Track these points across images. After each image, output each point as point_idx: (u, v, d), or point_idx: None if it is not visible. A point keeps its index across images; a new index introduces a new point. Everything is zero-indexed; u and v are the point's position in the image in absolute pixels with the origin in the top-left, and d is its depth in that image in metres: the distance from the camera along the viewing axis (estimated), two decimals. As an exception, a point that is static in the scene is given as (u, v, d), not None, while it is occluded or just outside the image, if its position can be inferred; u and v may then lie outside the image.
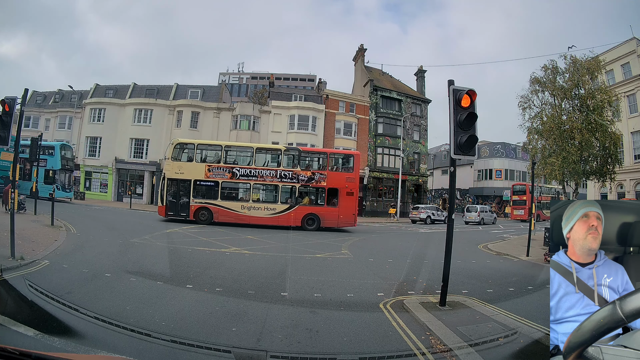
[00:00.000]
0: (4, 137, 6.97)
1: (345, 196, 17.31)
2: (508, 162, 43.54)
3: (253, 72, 69.52)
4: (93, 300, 5.03)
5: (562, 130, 15.81)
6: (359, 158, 18.65)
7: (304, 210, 17.14)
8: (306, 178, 17.22)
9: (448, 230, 5.71)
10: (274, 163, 17.68)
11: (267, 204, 17.18)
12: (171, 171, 16.96)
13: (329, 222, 17.21)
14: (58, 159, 25.49)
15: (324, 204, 17.35)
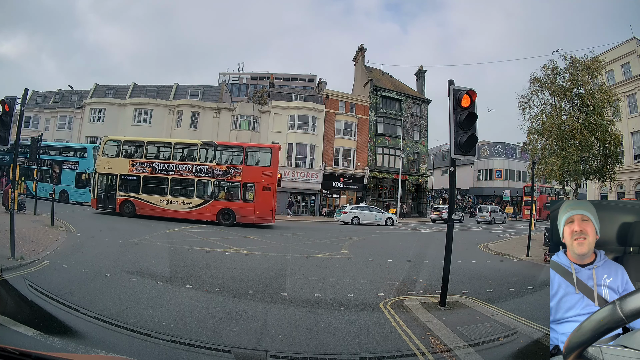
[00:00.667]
0: (4, 137, 6.97)
1: (262, 191, 17.23)
2: (508, 162, 43.55)
3: (253, 72, 69.52)
4: (93, 300, 5.03)
5: (562, 130, 15.81)
6: (277, 152, 18.31)
7: (219, 205, 17.28)
8: (221, 172, 17.43)
9: (448, 230, 5.71)
10: (191, 157, 18.10)
11: (184, 198, 17.42)
12: (101, 166, 18.34)
13: (244, 217, 17.20)
14: (92, 161, 23.46)
15: (239, 199, 17.43)
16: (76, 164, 23.84)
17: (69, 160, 24.04)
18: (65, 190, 23.54)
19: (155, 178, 17.62)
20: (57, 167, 23.99)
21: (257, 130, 30.73)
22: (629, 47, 23.92)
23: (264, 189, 17.31)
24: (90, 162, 23.67)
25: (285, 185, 28.51)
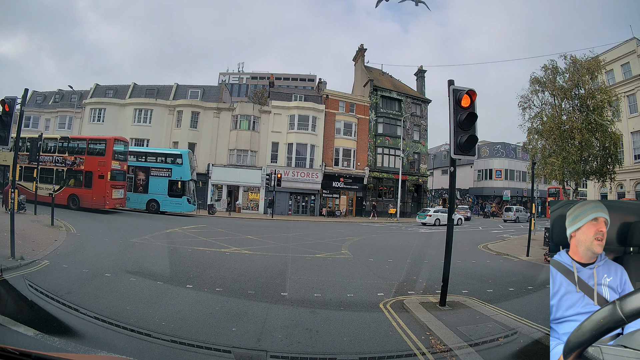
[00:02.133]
0: (4, 137, 6.98)
1: (98, 179, 18.81)
2: (508, 162, 43.52)
3: (253, 72, 69.48)
4: (93, 300, 5.03)
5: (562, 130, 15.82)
6: (112, 143, 19.60)
7: (69, 191, 19.15)
8: (70, 162, 19.50)
9: (448, 230, 5.71)
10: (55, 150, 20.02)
11: (47, 185, 18.75)
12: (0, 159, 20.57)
13: (86, 202, 18.64)
14: (187, 169, 22.34)
15: (82, 186, 19.12)
16: (169, 171, 22.14)
17: (160, 167, 22.36)
18: (154, 200, 21.88)
19: (29, 168, 19.13)
20: (142, 174, 22.25)
21: (257, 130, 30.73)
22: (629, 47, 23.91)
23: (99, 177, 18.89)
24: (185, 169, 22.29)
25: (285, 185, 28.54)
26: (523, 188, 41.71)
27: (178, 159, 22.52)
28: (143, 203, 22.01)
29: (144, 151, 24.15)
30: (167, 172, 22.20)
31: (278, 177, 26.61)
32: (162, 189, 21.98)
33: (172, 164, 22.35)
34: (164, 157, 23.03)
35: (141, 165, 22.60)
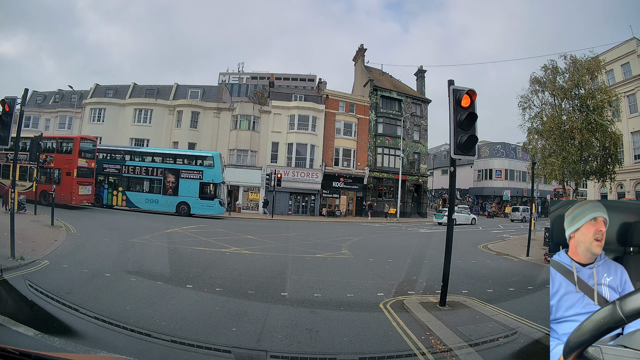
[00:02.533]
0: (4, 137, 6.98)
1: (65, 176, 19.75)
2: (508, 162, 43.51)
3: (253, 72, 69.49)
4: (93, 300, 5.03)
5: (562, 130, 15.81)
6: (78, 141, 20.49)
7: (41, 187, 19.23)
8: (42, 160, 19.41)
9: (448, 230, 5.71)
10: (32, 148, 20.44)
11: (23, 182, 19.55)
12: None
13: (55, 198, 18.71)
14: (219, 171, 22.19)
15: (52, 182, 19.27)
16: (200, 173, 21.82)
17: (191, 169, 22.01)
18: (184, 202, 21.63)
19: (6, 166, 20.28)
20: (171, 177, 21.95)
21: (257, 130, 30.72)
22: (629, 47, 23.90)
23: (67, 174, 19.79)
24: (217, 171, 22.07)
25: (285, 185, 28.53)
26: (523, 188, 41.70)
27: (210, 161, 22.24)
28: (173, 206, 21.77)
29: (174, 153, 24.03)
30: (198, 174, 21.90)
31: (278, 177, 26.61)
32: (193, 192, 21.70)
33: (204, 166, 22.11)
34: (194, 159, 22.70)
35: (170, 167, 22.35)
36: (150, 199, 22.09)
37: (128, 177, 22.53)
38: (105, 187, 22.61)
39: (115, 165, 22.78)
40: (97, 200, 22.12)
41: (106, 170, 22.71)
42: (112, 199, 22.53)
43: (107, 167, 22.75)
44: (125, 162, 22.80)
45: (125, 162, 22.80)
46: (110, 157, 23.08)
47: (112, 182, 22.72)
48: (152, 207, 21.89)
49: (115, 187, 22.62)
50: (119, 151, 23.61)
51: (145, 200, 22.13)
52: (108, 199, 22.55)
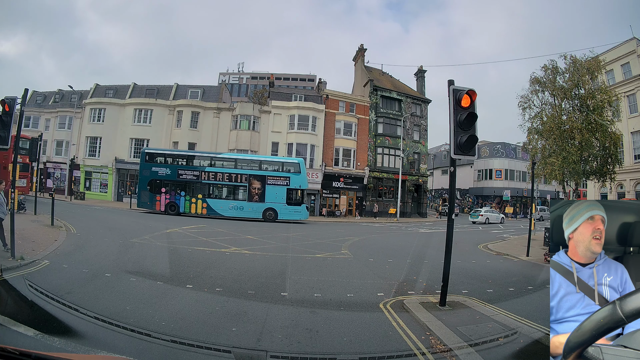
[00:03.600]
0: (4, 137, 6.97)
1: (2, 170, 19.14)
2: (508, 162, 43.50)
3: (253, 72, 69.51)
4: (93, 300, 5.03)
5: (562, 130, 15.81)
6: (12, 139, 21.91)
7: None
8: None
9: (448, 230, 5.70)
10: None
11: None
12: None
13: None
14: (305, 177, 22.63)
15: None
16: (287, 179, 22.01)
17: (278, 176, 22.16)
18: (272, 208, 21.81)
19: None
20: (257, 183, 21.91)
21: (257, 130, 30.72)
22: (629, 47, 23.89)
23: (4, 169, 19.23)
24: (303, 177, 22.43)
25: (285, 185, 28.49)
26: (523, 188, 41.70)
27: (296, 167, 22.52)
28: (259, 212, 21.79)
29: (259, 159, 23.73)
30: (285, 180, 22.03)
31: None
32: (281, 198, 21.82)
33: (290, 172, 22.28)
34: (280, 165, 22.93)
35: (257, 173, 22.23)
36: (235, 206, 21.73)
37: (209, 183, 21.83)
38: (182, 195, 21.68)
39: (193, 172, 21.82)
40: (172, 208, 21.48)
41: (182, 177, 21.76)
42: (190, 207, 21.63)
43: (184, 174, 21.81)
44: (204, 168, 21.95)
45: (205, 168, 21.95)
46: (187, 163, 22.29)
47: (190, 189, 21.80)
48: (236, 214, 21.64)
49: (194, 195, 21.74)
50: (198, 157, 22.97)
51: (230, 207, 21.69)
52: (185, 206, 21.63)
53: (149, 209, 21.77)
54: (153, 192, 21.70)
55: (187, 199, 21.64)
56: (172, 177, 21.67)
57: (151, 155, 22.65)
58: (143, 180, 21.94)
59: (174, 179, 21.67)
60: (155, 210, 21.53)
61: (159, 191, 21.72)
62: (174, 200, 21.59)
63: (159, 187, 21.73)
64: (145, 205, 21.83)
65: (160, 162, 22.13)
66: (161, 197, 21.67)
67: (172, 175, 21.66)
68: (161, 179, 21.76)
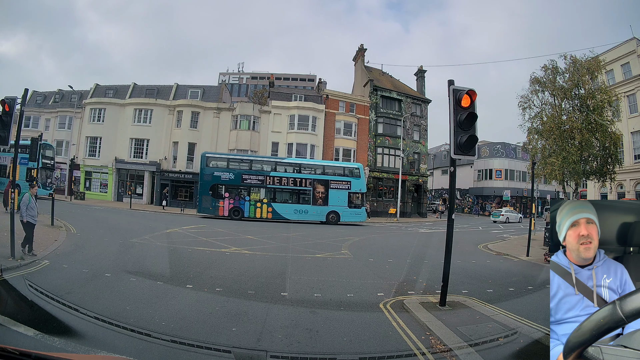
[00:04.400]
0: (4, 137, 6.97)
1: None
2: (508, 162, 43.51)
3: (253, 72, 69.49)
4: (93, 300, 5.03)
5: (562, 130, 15.80)
6: None
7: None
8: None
9: (448, 230, 5.70)
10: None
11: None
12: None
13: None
14: (364, 182, 23.64)
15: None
16: (348, 184, 22.65)
17: (340, 180, 22.76)
18: (334, 211, 22.47)
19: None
20: (321, 187, 22.37)
21: (257, 130, 30.71)
22: (629, 47, 23.90)
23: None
24: (363, 181, 23.30)
25: (285, 185, 28.49)
26: (523, 188, 41.69)
27: (356, 172, 23.14)
28: (323, 215, 22.21)
29: (322, 164, 24.28)
30: (346, 184, 22.60)
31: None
32: (342, 201, 22.37)
33: (351, 177, 22.87)
34: (342, 170, 23.41)
35: (321, 178, 22.57)
36: (299, 210, 21.98)
37: (274, 188, 22.02)
38: (246, 199, 21.70)
39: (258, 176, 21.88)
40: (235, 212, 21.40)
41: (246, 182, 21.70)
42: (255, 211, 21.67)
43: (248, 178, 21.77)
44: (269, 172, 22.04)
45: (270, 172, 22.06)
46: (250, 167, 22.32)
47: (254, 194, 21.87)
48: (300, 217, 21.84)
49: (259, 199, 21.88)
50: (261, 161, 23.02)
51: (294, 211, 21.93)
52: (250, 211, 21.63)
53: (211, 214, 21.42)
54: (215, 197, 21.33)
55: (251, 204, 21.66)
56: (236, 182, 21.51)
57: (213, 159, 22.29)
58: (204, 185, 21.50)
59: (238, 183, 21.54)
60: (218, 216, 21.31)
61: (221, 196, 21.41)
62: (238, 205, 21.52)
63: (222, 192, 21.50)
64: (207, 210, 21.42)
65: (223, 167, 21.82)
66: (224, 202, 21.38)
67: (236, 180, 21.52)
68: (224, 184, 21.48)
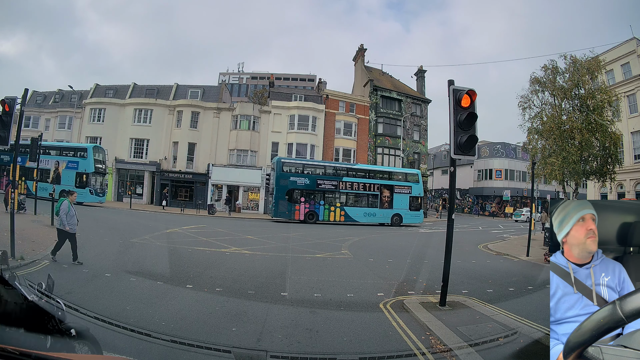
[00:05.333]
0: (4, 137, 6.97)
1: None
2: (508, 162, 43.47)
3: (253, 72, 69.46)
4: (93, 300, 5.03)
5: (562, 130, 15.79)
6: None
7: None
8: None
9: (448, 230, 5.70)
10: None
11: None
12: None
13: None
14: (422, 186, 25.61)
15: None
16: (409, 188, 24.48)
17: (403, 185, 24.58)
18: (398, 214, 24.03)
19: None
20: (387, 192, 24.05)
21: (257, 130, 30.71)
22: (629, 47, 23.88)
23: None
24: (421, 186, 25.32)
25: (285, 185, 28.50)
26: (523, 188, 41.66)
27: (416, 177, 25.10)
28: (388, 217, 23.70)
29: (389, 170, 26.16)
30: (408, 189, 24.36)
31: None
32: (404, 204, 24.08)
33: (412, 182, 24.68)
34: (404, 175, 25.32)
35: (388, 183, 24.16)
36: (368, 213, 23.29)
37: (346, 192, 23.11)
38: (321, 204, 22.65)
39: (332, 182, 22.90)
40: (310, 216, 22.31)
41: (321, 187, 22.69)
42: (329, 215, 22.68)
43: (323, 184, 22.74)
44: (342, 178, 23.03)
45: (342, 178, 23.04)
46: (324, 173, 23.28)
47: (328, 198, 22.88)
48: (369, 220, 23.31)
49: (333, 203, 22.86)
50: (334, 167, 24.13)
51: (364, 214, 23.22)
52: (324, 215, 22.64)
53: (286, 219, 22.03)
54: (291, 202, 22.12)
55: (325, 208, 22.69)
56: (311, 187, 22.40)
57: (288, 164, 23.21)
58: (281, 190, 22.10)
59: (313, 188, 22.45)
60: (294, 220, 21.94)
61: (297, 200, 22.27)
62: (313, 209, 22.45)
63: (298, 196, 22.30)
64: (284, 214, 22.10)
65: (298, 172, 22.72)
66: (300, 206, 22.21)
67: (311, 185, 22.39)
68: (300, 189, 22.36)
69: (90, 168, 23.44)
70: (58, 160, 23.93)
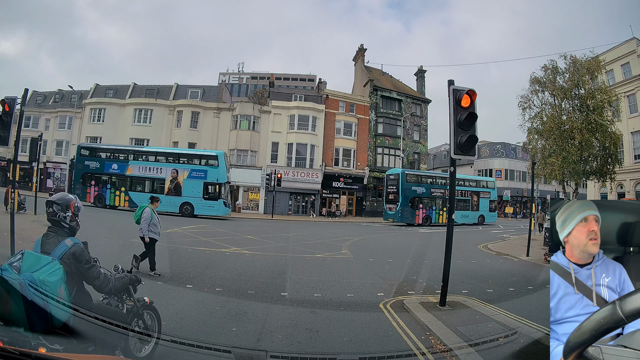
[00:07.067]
0: (4, 137, 6.97)
1: None
2: (508, 162, 43.49)
3: (253, 72, 69.46)
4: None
5: (562, 130, 15.78)
6: None
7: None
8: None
9: (448, 230, 5.70)
10: None
11: None
12: None
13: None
14: (496, 191, 30.44)
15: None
16: (489, 194, 29.36)
17: (484, 191, 29.15)
18: (482, 215, 28.68)
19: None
20: (475, 197, 28.33)
21: (257, 130, 30.72)
22: (629, 47, 23.88)
23: None
24: (495, 192, 30.28)
25: (285, 185, 28.52)
26: (523, 188, 41.70)
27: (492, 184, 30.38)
28: (475, 218, 28.23)
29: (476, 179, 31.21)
30: (487, 194, 29.26)
31: (278, 177, 26.64)
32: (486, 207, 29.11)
33: (490, 188, 29.81)
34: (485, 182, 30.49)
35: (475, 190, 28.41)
36: (464, 215, 26.99)
37: (435, 197, 26.52)
38: (433, 209, 26.36)
39: (440, 190, 26.58)
40: (426, 220, 25.62)
41: (434, 194, 26.36)
42: (438, 218, 26.16)
43: (435, 191, 26.45)
44: (446, 187, 25.13)
45: (446, 187, 24.71)
46: (433, 182, 26.92)
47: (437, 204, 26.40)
48: (463, 220, 26.75)
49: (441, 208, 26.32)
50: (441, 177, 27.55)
51: (461, 216, 26.57)
52: (436, 218, 26.22)
53: (408, 223, 25.02)
54: (413, 208, 25.45)
55: (436, 212, 26.47)
56: (427, 195, 26.18)
57: (409, 175, 26.35)
58: (405, 198, 25.09)
59: (428, 195, 26.23)
60: (414, 224, 25.03)
61: (417, 207, 25.72)
62: (428, 213, 26.13)
63: (418, 203, 25.78)
64: (407, 219, 25.13)
65: (417, 182, 26.15)
66: (419, 212, 25.70)
67: (427, 193, 26.18)
68: (419, 197, 25.88)
69: (222, 177, 21.40)
70: (176, 169, 21.62)
